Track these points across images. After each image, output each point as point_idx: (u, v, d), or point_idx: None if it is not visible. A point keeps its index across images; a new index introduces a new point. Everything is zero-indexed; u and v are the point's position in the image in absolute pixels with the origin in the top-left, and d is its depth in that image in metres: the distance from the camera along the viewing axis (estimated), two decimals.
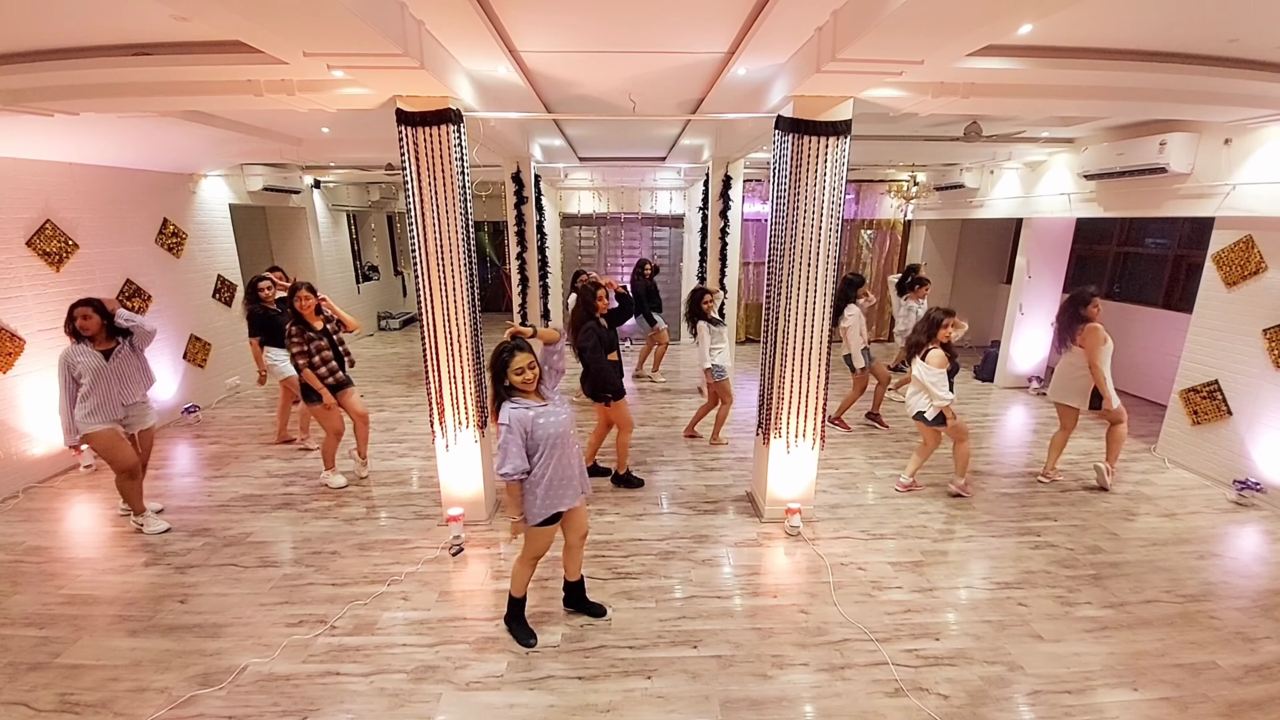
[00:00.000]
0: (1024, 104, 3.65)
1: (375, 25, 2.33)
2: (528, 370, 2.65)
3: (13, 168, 4.56)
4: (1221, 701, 2.61)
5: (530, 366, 2.66)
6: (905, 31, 2.39)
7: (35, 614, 3.16)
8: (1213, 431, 4.77)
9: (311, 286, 4.34)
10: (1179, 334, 5.22)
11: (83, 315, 3.59)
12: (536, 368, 2.69)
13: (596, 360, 4.31)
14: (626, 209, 9.94)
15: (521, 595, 2.99)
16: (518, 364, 2.64)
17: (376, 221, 11.73)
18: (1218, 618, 3.16)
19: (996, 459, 5.25)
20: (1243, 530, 4.07)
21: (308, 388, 4.35)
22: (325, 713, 2.56)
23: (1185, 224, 6.50)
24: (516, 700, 2.63)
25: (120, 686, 2.68)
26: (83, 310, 3.60)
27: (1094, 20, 2.71)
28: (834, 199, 3.54)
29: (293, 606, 3.24)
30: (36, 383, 4.68)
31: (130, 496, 3.94)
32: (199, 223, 6.56)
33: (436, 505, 4.26)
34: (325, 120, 4.85)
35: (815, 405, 3.90)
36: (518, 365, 2.64)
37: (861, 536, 3.95)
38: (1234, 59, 3.23)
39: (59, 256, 4.89)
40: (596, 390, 4.39)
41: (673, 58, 3.51)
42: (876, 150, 6.19)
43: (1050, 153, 6.08)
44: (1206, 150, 4.51)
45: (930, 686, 2.70)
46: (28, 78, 3.11)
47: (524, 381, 2.65)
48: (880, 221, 9.58)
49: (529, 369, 2.65)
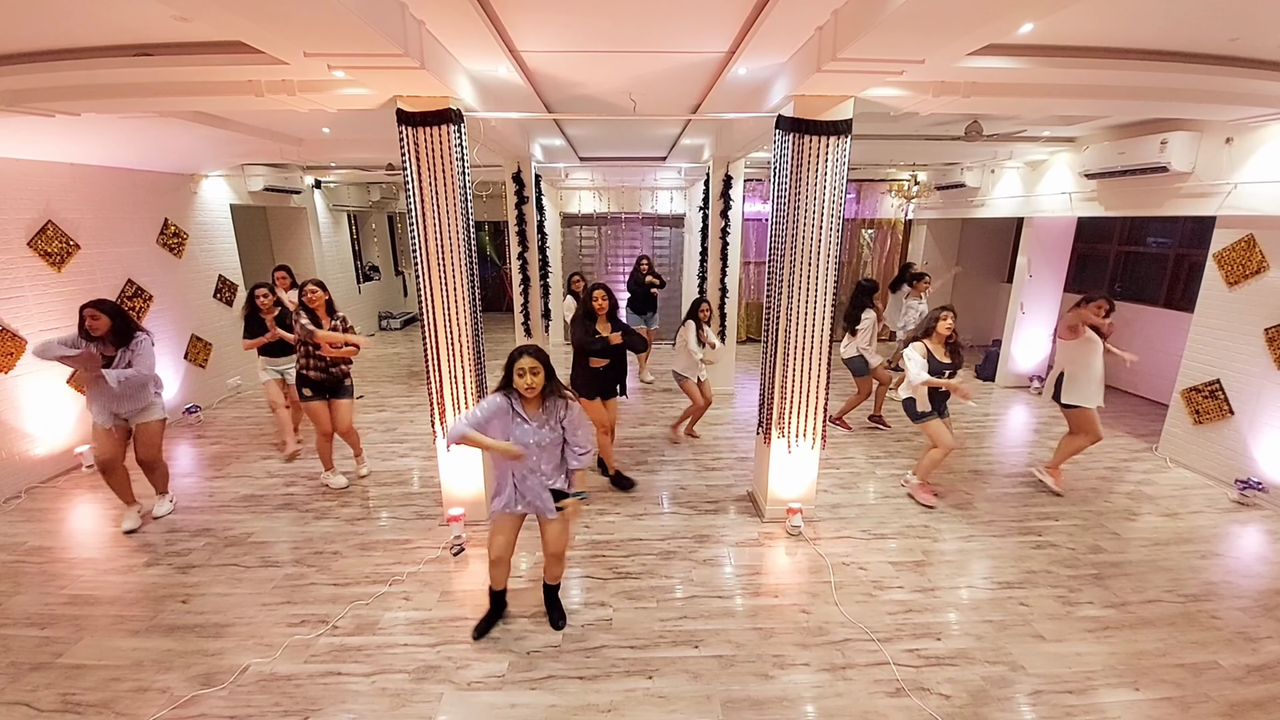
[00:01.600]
0: (1025, 103, 3.64)
1: (376, 25, 2.33)
2: (529, 374, 2.65)
3: (14, 168, 4.56)
4: (1223, 701, 2.61)
5: (534, 372, 2.65)
6: (906, 31, 2.39)
7: (37, 614, 3.17)
8: (1214, 431, 4.77)
9: (320, 283, 4.34)
10: (1180, 333, 5.22)
11: (91, 316, 3.59)
12: (541, 374, 2.67)
13: (575, 354, 4.46)
14: (627, 209, 9.94)
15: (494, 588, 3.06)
16: (521, 365, 2.65)
17: (377, 221, 11.74)
18: (1219, 617, 3.15)
19: (997, 459, 5.25)
20: (1244, 530, 4.07)
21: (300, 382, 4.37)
22: (327, 713, 2.56)
23: (1187, 223, 6.50)
24: (518, 700, 2.64)
25: (122, 686, 2.68)
26: (91, 311, 3.60)
27: (1095, 19, 2.71)
28: (835, 198, 3.54)
29: (294, 606, 3.24)
30: (38, 383, 4.68)
31: (113, 490, 3.99)
32: (200, 223, 6.56)
33: (437, 505, 4.26)
34: (326, 120, 4.85)
35: (816, 405, 3.89)
36: (521, 366, 2.65)
37: (863, 536, 3.95)
38: (1235, 58, 3.23)
39: (60, 257, 4.90)
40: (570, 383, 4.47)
41: (673, 58, 3.51)
42: (877, 149, 6.19)
43: (1051, 152, 6.07)
44: (1208, 149, 4.50)
45: (932, 686, 2.70)
46: (29, 78, 3.11)
47: (526, 387, 2.65)
48: (881, 221, 9.58)
49: (531, 374, 2.65)
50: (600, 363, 4.38)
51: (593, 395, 4.45)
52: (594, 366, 4.39)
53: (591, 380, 4.43)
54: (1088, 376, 4.24)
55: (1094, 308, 4.16)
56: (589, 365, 4.40)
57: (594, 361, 4.38)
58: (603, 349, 4.34)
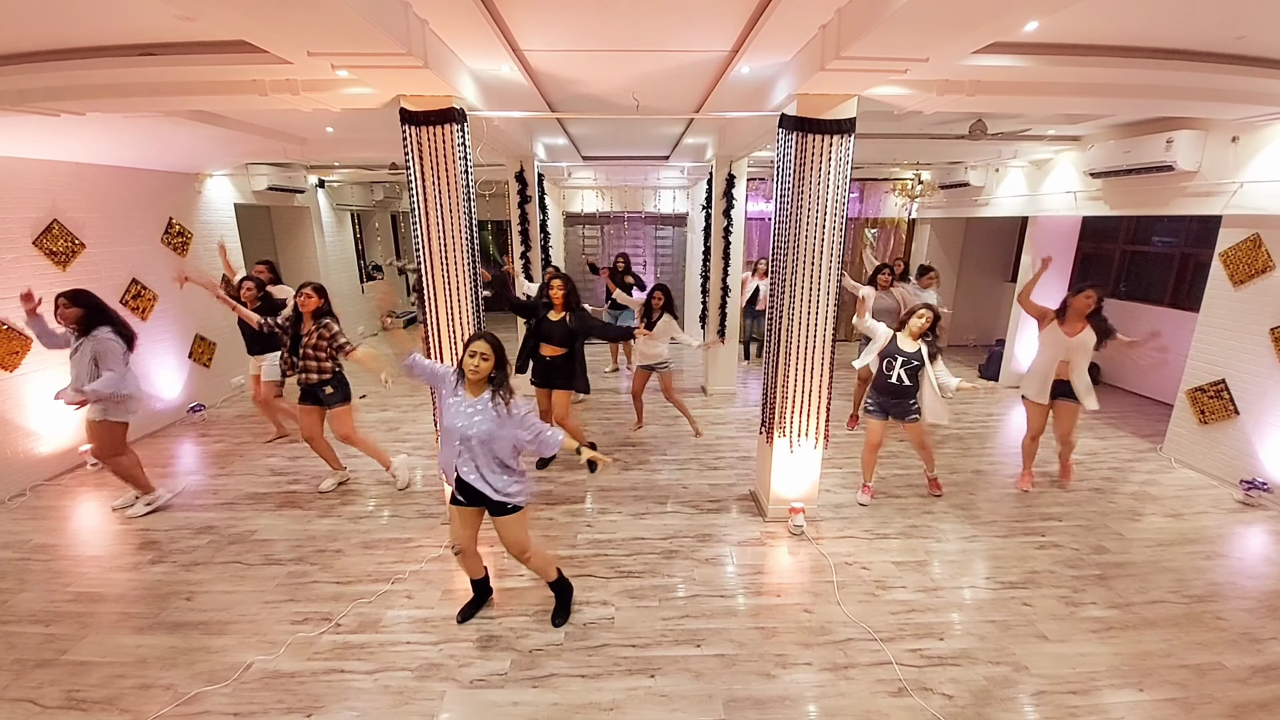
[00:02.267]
0: (1030, 101, 3.63)
1: (379, 25, 2.33)
2: (479, 358, 2.65)
3: (20, 167, 4.58)
4: (1227, 702, 2.59)
5: (484, 357, 2.65)
6: (910, 29, 2.38)
7: (42, 611, 3.18)
8: (1220, 431, 4.75)
9: (319, 288, 4.24)
10: (1186, 333, 5.19)
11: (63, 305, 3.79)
12: (490, 361, 2.67)
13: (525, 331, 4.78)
14: (630, 208, 9.94)
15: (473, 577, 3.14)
16: (475, 347, 2.67)
17: (380, 220, 11.75)
18: (1224, 618, 3.14)
19: (1000, 459, 5.23)
20: (1249, 530, 4.05)
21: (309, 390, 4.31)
22: (330, 710, 2.57)
23: (1192, 222, 6.46)
24: (520, 698, 2.64)
25: (126, 683, 2.69)
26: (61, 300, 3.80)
27: (1101, 17, 2.70)
28: (838, 197, 3.53)
29: (297, 604, 3.25)
30: (42, 381, 4.70)
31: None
32: (204, 222, 6.58)
33: (439, 504, 4.26)
34: (329, 120, 4.86)
35: (819, 404, 3.89)
36: (474, 348, 2.67)
37: (865, 536, 3.94)
38: (1242, 56, 3.21)
39: (65, 256, 4.92)
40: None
41: (676, 56, 3.51)
42: (881, 148, 6.17)
43: (1056, 150, 6.05)
44: (1214, 148, 4.47)
45: (934, 686, 2.69)
46: (34, 78, 3.13)
47: (472, 369, 2.66)
48: (884, 220, 9.56)
49: (481, 358, 2.65)
50: (553, 351, 4.57)
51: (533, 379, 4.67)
52: (541, 352, 4.60)
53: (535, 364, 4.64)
54: (1035, 369, 4.37)
55: (1081, 297, 4.13)
56: (538, 348, 4.62)
57: (544, 348, 4.59)
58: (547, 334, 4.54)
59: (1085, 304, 4.11)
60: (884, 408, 4.21)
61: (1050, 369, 4.25)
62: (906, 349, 4.06)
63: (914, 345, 4.06)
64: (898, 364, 4.05)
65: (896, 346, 4.08)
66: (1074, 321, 4.18)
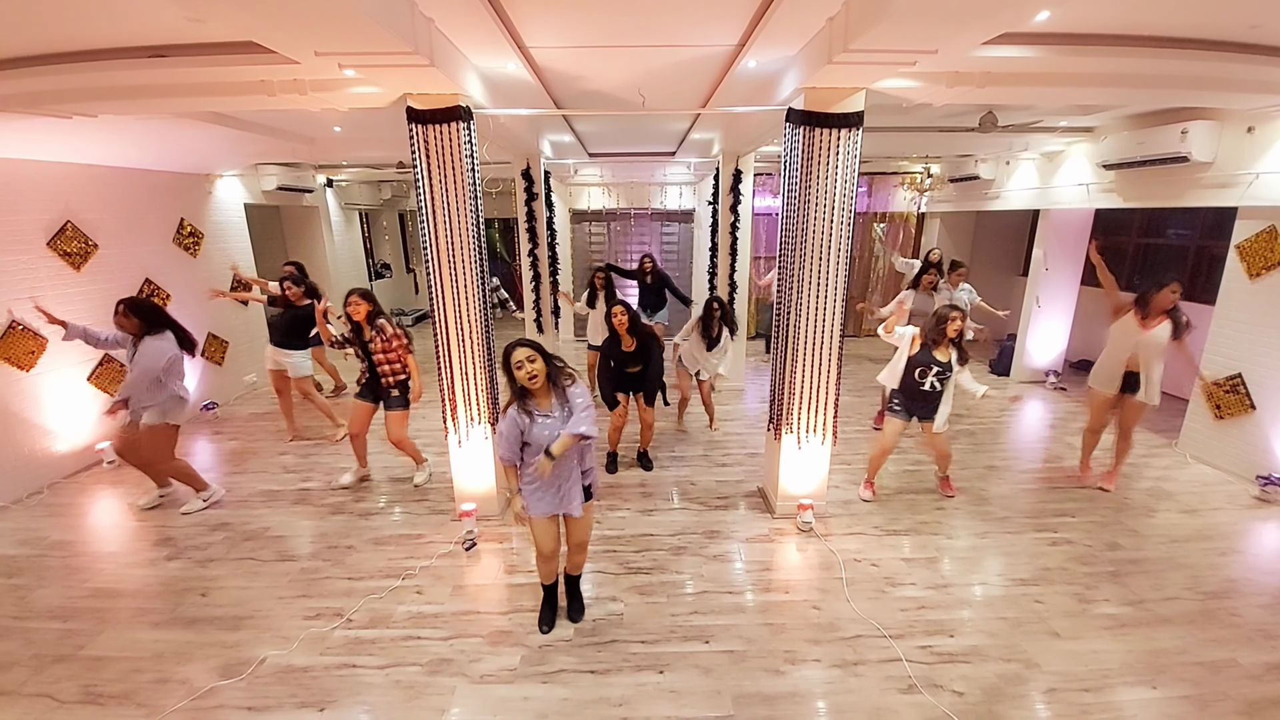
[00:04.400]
0: (1041, 93, 3.59)
1: (386, 24, 2.33)
2: (527, 364, 2.61)
3: (34, 170, 4.64)
4: (1241, 699, 2.57)
5: (530, 360, 2.61)
6: (919, 20, 2.35)
7: (60, 607, 3.23)
8: (1236, 426, 4.68)
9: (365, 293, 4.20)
10: (1201, 326, 5.12)
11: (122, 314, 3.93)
12: (538, 362, 2.63)
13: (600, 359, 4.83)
14: (636, 204, 9.91)
15: (545, 583, 3.07)
16: (517, 357, 2.62)
17: (389, 219, 11.81)
18: (1239, 615, 3.10)
19: (1013, 455, 5.19)
20: (1265, 526, 3.99)
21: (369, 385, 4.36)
22: (342, 704, 2.60)
23: (1207, 214, 6.36)
24: (530, 693, 2.66)
25: (143, 678, 2.73)
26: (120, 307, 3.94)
27: (1113, 6, 2.66)
28: (846, 192, 3.51)
29: (310, 600, 3.29)
30: (59, 380, 4.77)
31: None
32: (215, 222, 6.64)
33: (450, 500, 4.29)
34: (337, 119, 4.89)
35: (827, 401, 3.87)
36: (516, 359, 2.62)
37: (875, 532, 3.93)
38: (1256, 45, 3.16)
39: (80, 257, 4.98)
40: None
41: (682, 51, 3.49)
42: (889, 142, 6.12)
43: (1068, 142, 5.97)
44: (1229, 138, 4.41)
45: (945, 683, 2.68)
46: (46, 80, 3.16)
47: (528, 378, 2.61)
48: (894, 214, 9.48)
49: (528, 362, 2.61)
50: (634, 368, 4.65)
51: (611, 392, 4.69)
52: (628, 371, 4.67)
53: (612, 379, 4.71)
54: (1106, 360, 4.30)
55: (1166, 291, 3.97)
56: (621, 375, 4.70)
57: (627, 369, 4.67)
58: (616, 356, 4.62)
59: (1170, 299, 3.97)
60: (910, 409, 4.19)
61: (1122, 361, 4.18)
62: (940, 359, 4.00)
63: (947, 355, 4.00)
64: (931, 373, 4.01)
65: (931, 356, 4.01)
66: (1154, 315, 4.06)
